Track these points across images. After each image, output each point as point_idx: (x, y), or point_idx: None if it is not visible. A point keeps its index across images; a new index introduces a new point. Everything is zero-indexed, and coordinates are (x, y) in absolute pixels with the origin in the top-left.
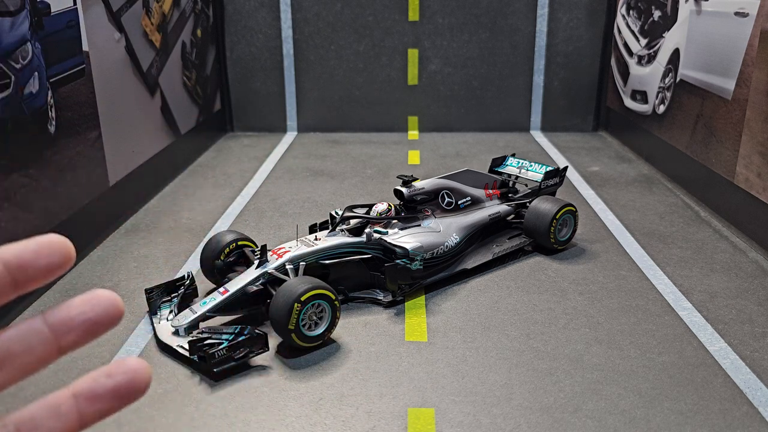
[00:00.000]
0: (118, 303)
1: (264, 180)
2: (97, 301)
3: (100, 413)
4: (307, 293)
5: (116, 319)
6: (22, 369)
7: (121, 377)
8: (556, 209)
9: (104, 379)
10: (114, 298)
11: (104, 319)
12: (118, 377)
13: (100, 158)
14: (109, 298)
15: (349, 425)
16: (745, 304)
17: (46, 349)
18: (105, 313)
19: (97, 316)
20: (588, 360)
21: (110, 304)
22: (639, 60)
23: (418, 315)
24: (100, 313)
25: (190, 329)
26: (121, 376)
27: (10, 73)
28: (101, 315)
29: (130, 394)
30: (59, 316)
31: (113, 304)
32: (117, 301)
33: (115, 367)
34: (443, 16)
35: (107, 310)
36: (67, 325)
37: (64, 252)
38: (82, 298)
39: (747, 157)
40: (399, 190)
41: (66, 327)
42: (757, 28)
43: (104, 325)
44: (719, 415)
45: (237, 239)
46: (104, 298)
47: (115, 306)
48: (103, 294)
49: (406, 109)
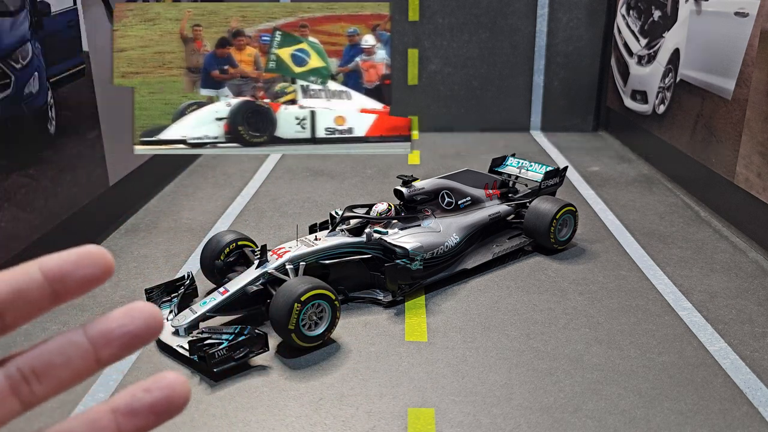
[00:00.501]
0: (157, 315)
1: (264, 180)
2: (138, 313)
3: (138, 429)
4: (307, 293)
5: (156, 331)
6: (61, 382)
7: (159, 393)
8: (556, 209)
9: (142, 394)
10: (153, 311)
11: (144, 332)
12: (155, 393)
13: (100, 158)
14: (149, 310)
15: (349, 425)
16: (745, 304)
17: (86, 362)
18: (145, 326)
19: (137, 329)
20: (588, 360)
21: (150, 317)
22: (639, 60)
23: (418, 315)
24: (140, 326)
25: (190, 329)
26: (159, 392)
27: (10, 73)
28: (141, 328)
29: (168, 411)
30: (99, 329)
31: (153, 316)
32: (156, 313)
33: (153, 382)
34: (443, 16)
35: (147, 322)
36: (106, 337)
37: (103, 264)
38: (121, 311)
39: (747, 157)
40: (399, 190)
41: (105, 339)
42: (757, 28)
43: (144, 338)
44: (719, 415)
45: (237, 239)
46: (144, 311)
47: (154, 318)
48: (143, 306)
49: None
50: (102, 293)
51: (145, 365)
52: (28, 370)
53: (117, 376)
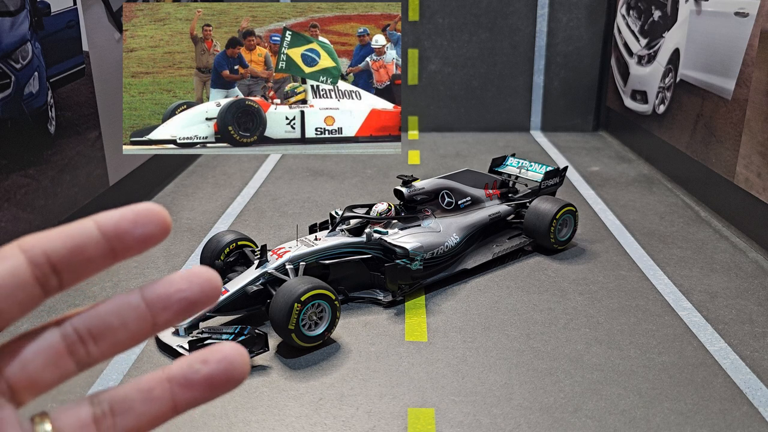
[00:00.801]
0: (216, 281)
1: (264, 180)
2: (195, 278)
3: (194, 401)
4: (307, 293)
5: (213, 298)
6: (116, 344)
7: (216, 365)
8: (556, 209)
9: (199, 366)
10: (211, 276)
11: (201, 297)
12: (213, 365)
13: (100, 158)
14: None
15: (349, 425)
16: (745, 304)
17: (142, 325)
18: (202, 292)
19: (194, 295)
20: (588, 360)
21: (207, 281)
22: (639, 60)
23: (418, 315)
24: (197, 292)
25: (190, 329)
26: (216, 365)
27: (10, 73)
28: (198, 294)
29: (224, 384)
30: (157, 292)
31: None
32: (215, 278)
33: (210, 353)
34: (443, 16)
35: (204, 288)
36: (164, 302)
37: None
38: (181, 275)
39: (747, 157)
40: (399, 190)
41: (163, 304)
42: (757, 28)
43: (201, 303)
44: (719, 415)
45: (237, 239)
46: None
47: (211, 284)
48: (200, 271)
49: (406, 109)
50: (103, 293)
51: (146, 365)
52: (84, 331)
53: (117, 376)
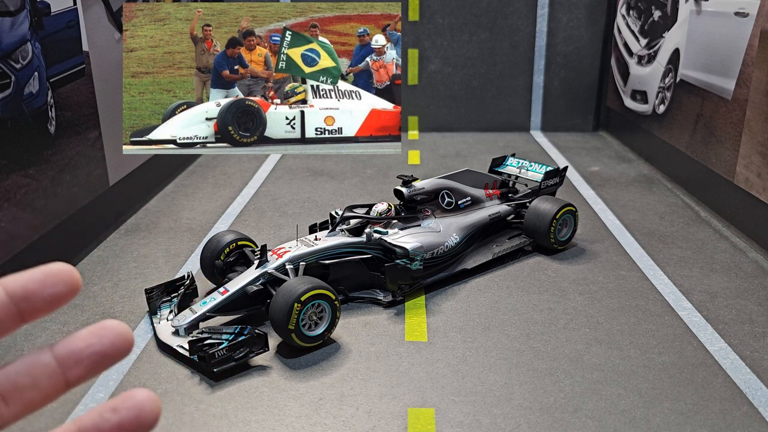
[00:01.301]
0: (127, 334)
1: (264, 180)
2: (106, 332)
3: None
4: (307, 293)
5: (125, 351)
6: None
7: (127, 412)
8: (556, 209)
9: (109, 414)
10: (122, 329)
11: (112, 351)
12: (123, 412)
13: (100, 158)
14: (118, 329)
15: (349, 425)
16: (745, 304)
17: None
18: (112, 345)
19: (104, 349)
20: (588, 360)
21: (118, 336)
22: (639, 60)
23: (418, 315)
24: (107, 346)
25: (190, 329)
26: (127, 411)
27: (10, 73)
28: (108, 347)
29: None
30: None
31: (121, 335)
32: (125, 332)
33: (121, 401)
34: (443, 16)
35: (114, 342)
36: (75, 357)
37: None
38: (90, 330)
39: (747, 157)
40: (399, 190)
41: (74, 360)
42: (757, 28)
43: (112, 357)
44: (719, 415)
45: (237, 239)
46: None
47: (123, 337)
48: (111, 325)
49: (406, 109)
50: (102, 293)
51: (146, 365)
52: None
53: (117, 376)
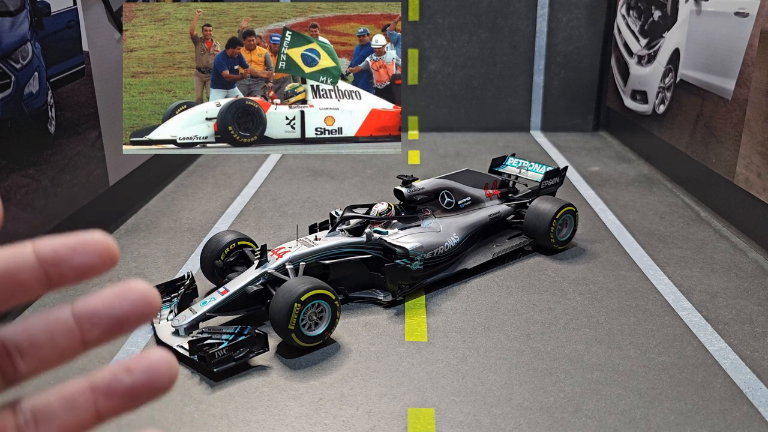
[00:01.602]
0: (150, 298)
1: (264, 180)
2: (128, 294)
3: (117, 410)
4: (307, 293)
5: (147, 316)
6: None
7: (141, 375)
8: (556, 209)
9: (123, 375)
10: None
11: (133, 315)
12: (137, 374)
13: (100, 158)
14: (142, 291)
15: (349, 425)
16: (745, 304)
17: (70, 343)
18: (133, 310)
19: (123, 313)
20: (588, 360)
21: (140, 299)
22: (639, 60)
23: (418, 315)
24: (127, 310)
25: (190, 329)
26: (141, 374)
27: (10, 73)
28: (128, 311)
29: (149, 393)
30: (86, 308)
31: (144, 298)
32: (149, 295)
33: (136, 362)
34: (443, 16)
35: (136, 306)
36: (92, 318)
37: (104, 252)
38: (113, 290)
39: (747, 157)
40: (399, 190)
41: (91, 321)
42: (757, 28)
43: (133, 321)
44: (719, 415)
45: (237, 239)
46: (136, 292)
47: (146, 302)
48: (135, 287)
49: (406, 109)
50: None
51: None
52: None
53: None
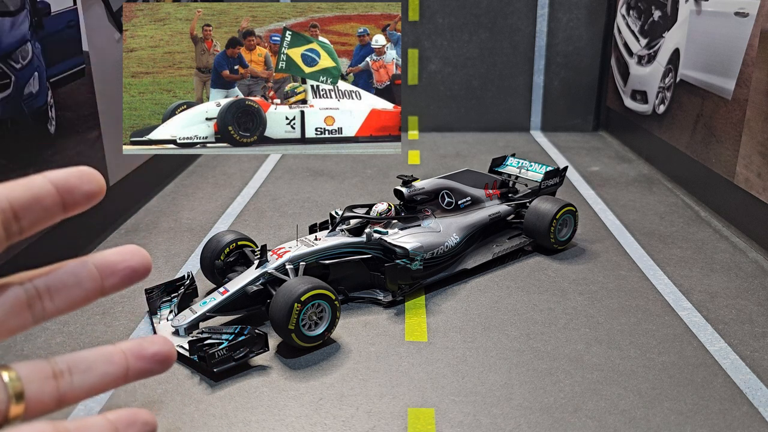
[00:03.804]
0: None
1: (264, 180)
2: (134, 253)
3: (143, 372)
4: (307, 293)
5: (148, 271)
6: (70, 302)
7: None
8: (556, 209)
9: (147, 344)
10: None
11: (140, 268)
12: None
13: (100, 158)
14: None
15: (349, 425)
16: (745, 304)
17: (93, 285)
18: (140, 264)
19: (135, 265)
20: (588, 360)
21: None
22: (639, 60)
23: (418, 315)
24: (137, 263)
25: (190, 329)
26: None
27: (10, 73)
28: (138, 265)
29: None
30: (104, 261)
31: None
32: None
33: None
34: (443, 16)
35: (142, 261)
36: (110, 268)
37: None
38: (118, 249)
39: (747, 157)
40: (399, 190)
41: (111, 270)
42: (757, 28)
43: (141, 273)
44: (719, 415)
45: (237, 239)
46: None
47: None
48: (136, 248)
49: (406, 109)
50: None
51: None
52: (43, 288)
53: None
